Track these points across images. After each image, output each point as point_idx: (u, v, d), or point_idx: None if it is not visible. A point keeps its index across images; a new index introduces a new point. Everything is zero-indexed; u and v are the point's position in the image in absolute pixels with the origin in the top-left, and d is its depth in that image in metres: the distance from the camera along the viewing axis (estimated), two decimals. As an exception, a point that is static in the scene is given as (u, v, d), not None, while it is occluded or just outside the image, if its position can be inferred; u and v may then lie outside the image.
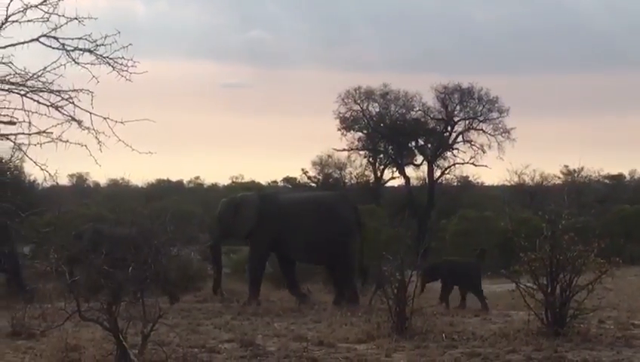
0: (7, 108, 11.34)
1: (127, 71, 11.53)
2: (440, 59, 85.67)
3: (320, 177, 55.56)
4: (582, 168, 57.78)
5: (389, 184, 55.73)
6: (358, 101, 53.39)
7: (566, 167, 57.96)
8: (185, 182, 73.29)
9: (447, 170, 53.25)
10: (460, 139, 52.79)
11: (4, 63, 11.24)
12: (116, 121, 11.41)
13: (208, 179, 75.15)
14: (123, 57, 11.43)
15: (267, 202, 23.38)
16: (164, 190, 63.05)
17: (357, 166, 54.60)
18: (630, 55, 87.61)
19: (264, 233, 22.85)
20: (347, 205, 24.07)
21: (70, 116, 11.42)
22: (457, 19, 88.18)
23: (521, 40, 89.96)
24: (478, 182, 56.03)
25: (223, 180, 74.29)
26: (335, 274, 23.38)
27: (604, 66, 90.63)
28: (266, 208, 23.06)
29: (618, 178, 61.88)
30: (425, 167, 52.96)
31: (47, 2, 11.19)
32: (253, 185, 68.41)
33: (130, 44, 11.41)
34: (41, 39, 11.42)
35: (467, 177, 54.68)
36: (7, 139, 11.53)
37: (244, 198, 24.10)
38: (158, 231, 14.84)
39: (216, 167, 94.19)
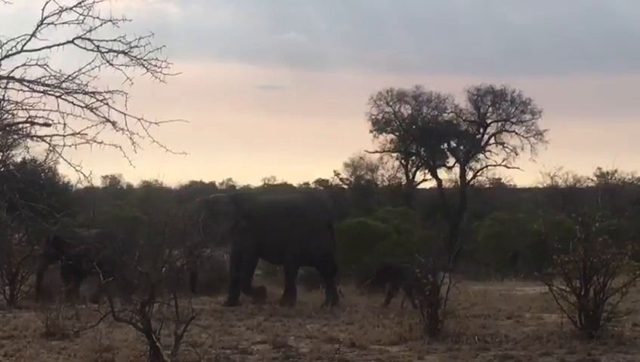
0: (43, 110, 11.44)
1: (160, 72, 11.60)
2: (475, 60, 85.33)
3: (352, 179, 55.55)
4: (615, 170, 57.36)
5: (421, 186, 55.66)
6: (390, 103, 53.37)
7: (599, 169, 57.58)
8: (217, 183, 73.49)
9: (480, 172, 53.11)
10: (492, 141, 52.64)
11: (39, 65, 11.33)
12: (150, 122, 11.47)
13: (241, 181, 75.30)
14: (157, 59, 11.50)
15: (239, 203, 23.42)
16: (197, 192, 63.19)
17: (389, 168, 54.58)
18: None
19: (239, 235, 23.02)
20: (318, 206, 24.20)
21: (104, 117, 11.50)
22: (493, 20, 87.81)
23: (556, 42, 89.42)
24: (510, 185, 55.80)
25: (256, 182, 74.42)
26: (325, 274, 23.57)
27: (637, 69, 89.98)
28: (238, 209, 23.15)
29: (653, 180, 61.39)
30: (457, 169, 52.86)
31: (82, 4, 11.28)
32: (285, 187, 68.63)
33: (163, 46, 11.47)
34: (76, 41, 11.50)
35: (499, 179, 54.48)
36: (43, 140, 11.63)
37: (216, 199, 24.26)
38: (191, 233, 14.89)
39: (249, 168, 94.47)
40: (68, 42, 11.48)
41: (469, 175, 52.82)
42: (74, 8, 11.28)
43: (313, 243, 22.89)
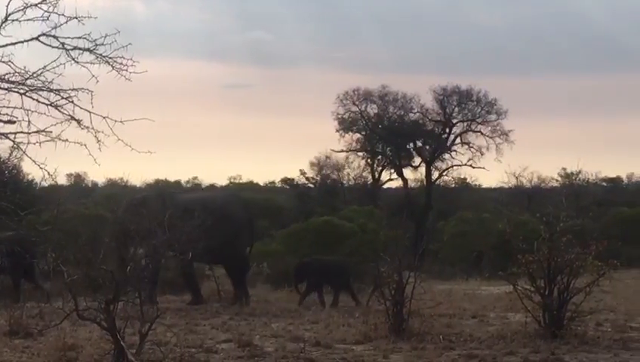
0: (7, 107, 11.35)
1: (126, 70, 11.53)
2: (441, 60, 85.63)
3: (318, 178, 55.57)
4: (580, 171, 57.82)
5: (386, 185, 55.76)
6: (357, 102, 53.41)
7: (564, 169, 58.01)
8: (183, 182, 73.29)
9: (445, 172, 53.25)
10: (458, 141, 52.79)
11: (3, 62, 11.24)
12: (115, 121, 11.41)
13: (206, 180, 75.13)
14: (122, 57, 11.44)
15: (164, 202, 23.40)
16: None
17: (355, 167, 54.62)
18: (631, 57, 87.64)
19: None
20: (239, 205, 24.27)
21: (69, 115, 11.42)
22: (460, 20, 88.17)
23: (522, 42, 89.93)
24: (475, 184, 56.05)
25: (222, 181, 74.26)
26: (232, 273, 23.63)
27: (604, 69, 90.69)
28: (163, 208, 23.17)
29: (616, 181, 61.93)
30: (423, 169, 52.97)
31: (47, 1, 11.20)
32: (250, 186, 68.54)
33: (129, 44, 11.41)
34: (41, 38, 11.42)
35: (465, 179, 54.70)
36: (7, 137, 11.54)
37: (144, 198, 24.32)
38: (157, 232, 14.83)
39: (214, 167, 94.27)
40: (33, 39, 11.40)
41: (435, 174, 52.97)
42: (39, 5, 11.20)
43: (233, 241, 22.88)
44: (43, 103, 11.39)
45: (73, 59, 11.42)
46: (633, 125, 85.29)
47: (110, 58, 11.43)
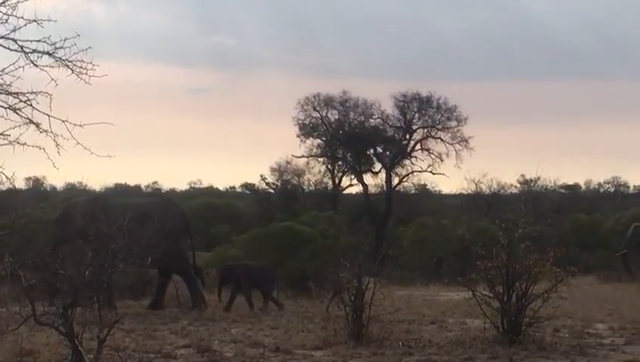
0: (-36, 111, 11.26)
1: (86, 74, 11.49)
2: (402, 66, 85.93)
3: (278, 183, 55.54)
4: (539, 177, 58.22)
5: (347, 191, 55.80)
6: (318, 108, 53.46)
7: (523, 176, 58.37)
8: (143, 186, 72.98)
9: (405, 178, 53.40)
10: (418, 147, 52.96)
11: (-39, 65, 11.17)
12: (75, 125, 11.37)
13: (166, 184, 74.85)
14: (82, 60, 11.39)
15: (98, 207, 23.35)
16: (121, 194, 62.70)
17: (315, 173, 54.64)
18: (589, 64, 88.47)
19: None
20: (174, 210, 24.26)
21: (28, 119, 11.36)
22: (421, 26, 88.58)
23: (483, 48, 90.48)
24: (435, 191, 56.27)
25: (182, 185, 74.07)
26: (164, 279, 23.47)
27: (563, 75, 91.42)
28: (97, 213, 23.13)
29: (574, 188, 62.41)
30: (383, 175, 53.09)
31: (6, 4, 11.14)
32: (210, 191, 68.37)
33: (89, 47, 11.37)
34: (0, 41, 11.34)
35: (425, 185, 54.89)
36: (-37, 141, 11.45)
37: (78, 203, 24.28)
38: (116, 236, 14.76)
39: (175, 171, 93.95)
40: (-9, 42, 11.33)
41: (395, 180, 53.10)
42: (-3, 7, 11.13)
43: (169, 246, 22.83)
44: (1, 106, 11.33)
45: (32, 62, 11.37)
46: (592, 132, 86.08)
47: (70, 61, 11.39)
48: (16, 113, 11.34)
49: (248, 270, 23.31)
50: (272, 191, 56.06)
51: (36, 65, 11.38)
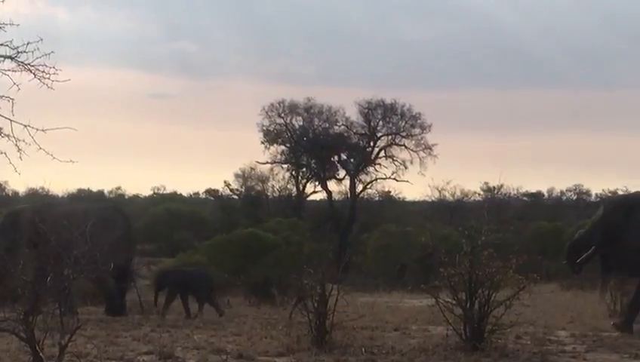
0: None
1: (49, 78, 11.42)
2: (367, 74, 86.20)
3: (242, 190, 55.49)
4: (502, 185, 58.60)
5: (311, 198, 55.89)
6: (282, 114, 53.49)
7: (486, 183, 58.75)
8: (106, 192, 72.64)
9: (369, 185, 53.58)
10: (382, 154, 53.17)
11: None
12: (37, 129, 11.29)
13: (130, 190, 74.59)
14: (45, 65, 11.32)
15: (41, 214, 23.27)
16: (84, 200, 62.36)
17: (279, 179, 54.70)
18: (552, 74, 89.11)
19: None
20: (118, 217, 24.25)
21: (-11, 123, 11.26)
22: (386, 34, 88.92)
23: (447, 57, 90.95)
24: (399, 198, 56.45)
25: (145, 191, 73.82)
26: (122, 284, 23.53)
27: (526, 85, 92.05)
28: (40, 220, 23.07)
29: (537, 195, 62.83)
30: (347, 182, 53.21)
31: (-33, 8, 11.04)
32: (174, 197, 68.18)
33: (52, 52, 11.30)
34: (-40, 44, 11.26)
35: (389, 192, 55.06)
36: None
37: (22, 210, 24.23)
38: (79, 242, 14.66)
39: (138, 177, 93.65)
40: (-49, 46, 11.23)
41: (359, 187, 53.25)
42: (-42, 11, 11.05)
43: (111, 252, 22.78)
44: (-38, 111, 11.23)
45: (-6, 66, 11.27)
46: (555, 141, 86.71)
47: (32, 66, 11.32)
48: (-23, 117, 11.25)
49: (183, 275, 23.31)
50: (235, 197, 56.03)
51: (-2, 70, 11.29)
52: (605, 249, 19.48)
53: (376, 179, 53.29)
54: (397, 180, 52.82)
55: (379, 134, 53.13)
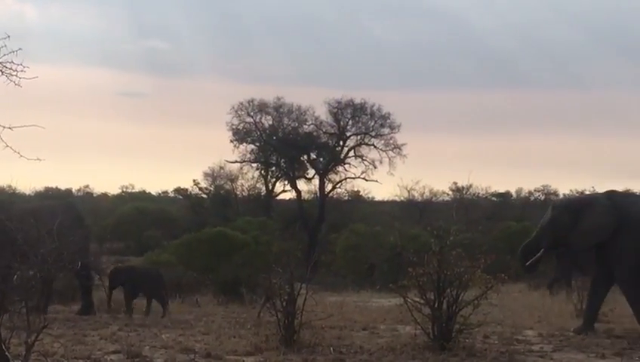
0: None
1: (16, 76, 11.35)
2: (337, 73, 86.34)
3: (211, 189, 55.38)
4: (470, 185, 58.81)
5: (280, 197, 55.84)
6: (251, 113, 53.42)
7: (455, 183, 58.92)
8: (74, 190, 72.32)
9: (339, 185, 53.60)
10: (351, 153, 53.22)
11: None
12: (4, 127, 11.23)
13: (98, 188, 74.26)
14: (12, 62, 11.25)
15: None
16: (52, 198, 62.03)
17: (249, 178, 54.66)
18: (522, 75, 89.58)
19: None
20: (72, 214, 24.18)
21: (-44, 120, 11.19)
22: (357, 33, 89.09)
23: (417, 57, 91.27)
24: (368, 197, 56.54)
25: (114, 190, 73.52)
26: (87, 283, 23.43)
27: (496, 86, 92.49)
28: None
29: (505, 196, 63.08)
30: (316, 181, 53.24)
31: None
32: (143, 196, 67.94)
33: (19, 49, 11.24)
34: None
35: (358, 192, 55.12)
36: None
37: None
38: (46, 240, 14.57)
39: (107, 176, 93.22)
40: None
41: (328, 187, 53.27)
42: None
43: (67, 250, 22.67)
44: None
45: (-40, 63, 11.19)
46: (523, 142, 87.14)
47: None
48: (-56, 114, 11.17)
49: (134, 273, 23.28)
50: (204, 196, 55.95)
51: (-36, 66, 11.22)
52: (554, 251, 19.73)
53: (345, 179, 53.36)
54: (366, 180, 52.93)
55: (348, 134, 53.19)
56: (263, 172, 54.41)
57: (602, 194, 19.72)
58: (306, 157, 53.55)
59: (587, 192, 49.39)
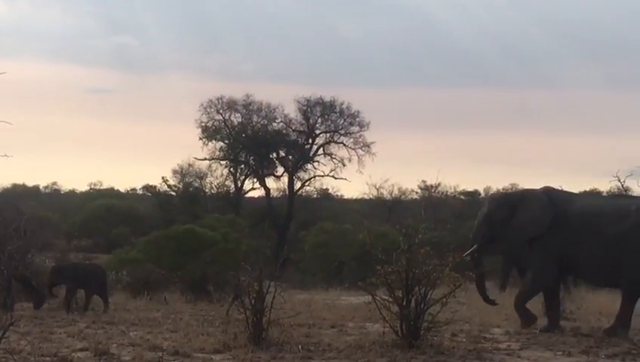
0: None
1: (-17, 71, 11.26)
2: (306, 71, 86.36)
3: (180, 186, 55.23)
4: (439, 184, 58.97)
5: (249, 195, 55.84)
6: (221, 111, 53.35)
7: (424, 182, 59.07)
8: (41, 187, 71.92)
9: (308, 182, 53.66)
10: (320, 151, 53.29)
11: None
12: (-29, 123, 11.13)
13: (66, 186, 73.87)
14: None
15: None
16: (19, 195, 61.68)
17: (217, 176, 54.58)
18: (491, 73, 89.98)
19: None
20: (12, 210, 24.11)
21: None
22: (326, 31, 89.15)
23: (386, 55, 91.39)
24: (337, 195, 56.68)
25: (82, 187, 73.16)
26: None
27: (464, 84, 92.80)
28: None
29: (473, 194, 63.30)
30: (285, 179, 53.26)
31: None
32: (111, 193, 67.65)
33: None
34: None
35: (327, 190, 55.24)
36: None
37: None
38: (13, 237, 14.51)
39: (75, 172, 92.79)
40: None
41: (297, 184, 53.33)
42: None
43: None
44: None
45: None
46: (491, 140, 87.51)
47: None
48: None
49: (76, 270, 23.13)
50: (173, 193, 55.79)
51: None
52: (490, 245, 19.83)
53: (314, 177, 53.44)
54: (335, 178, 53.03)
55: (317, 132, 53.28)
56: (232, 169, 54.37)
57: (539, 189, 19.89)
58: (275, 155, 53.56)
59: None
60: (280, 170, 53.61)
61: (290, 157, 53.59)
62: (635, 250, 18.18)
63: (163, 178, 55.46)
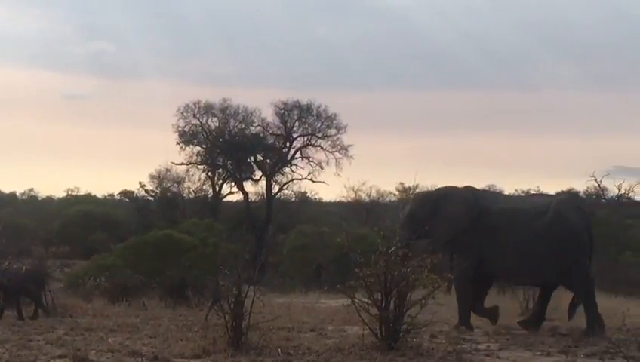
0: None
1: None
2: (282, 75, 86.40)
3: (158, 191, 55.12)
4: (417, 185, 58.99)
5: (227, 199, 55.79)
6: (198, 115, 53.29)
7: (402, 184, 59.17)
8: (18, 193, 71.61)
9: (286, 186, 53.67)
10: (298, 155, 53.31)
11: None
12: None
13: (43, 191, 73.59)
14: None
15: None
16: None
17: (195, 180, 54.52)
18: (469, 76, 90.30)
19: None
20: None
21: None
22: (304, 35, 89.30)
23: (363, 58, 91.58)
24: (315, 198, 56.68)
25: (59, 193, 72.88)
26: None
27: (442, 86, 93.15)
28: None
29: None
30: (263, 183, 53.23)
31: None
32: (88, 199, 67.44)
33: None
34: None
35: (305, 193, 55.23)
36: None
37: None
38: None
39: (52, 179, 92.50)
40: None
41: (275, 188, 53.30)
42: None
43: None
44: None
45: None
46: (470, 141, 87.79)
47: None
48: None
49: (17, 275, 22.79)
50: (151, 198, 55.70)
51: None
52: (414, 243, 19.93)
53: (292, 180, 53.46)
54: (313, 181, 53.06)
55: (295, 135, 53.30)
56: (209, 174, 54.31)
57: (462, 187, 20.03)
58: (252, 158, 53.54)
59: (532, 191, 49.91)
60: (258, 173, 53.63)
61: (268, 160, 53.59)
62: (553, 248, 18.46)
63: (140, 183, 55.39)
